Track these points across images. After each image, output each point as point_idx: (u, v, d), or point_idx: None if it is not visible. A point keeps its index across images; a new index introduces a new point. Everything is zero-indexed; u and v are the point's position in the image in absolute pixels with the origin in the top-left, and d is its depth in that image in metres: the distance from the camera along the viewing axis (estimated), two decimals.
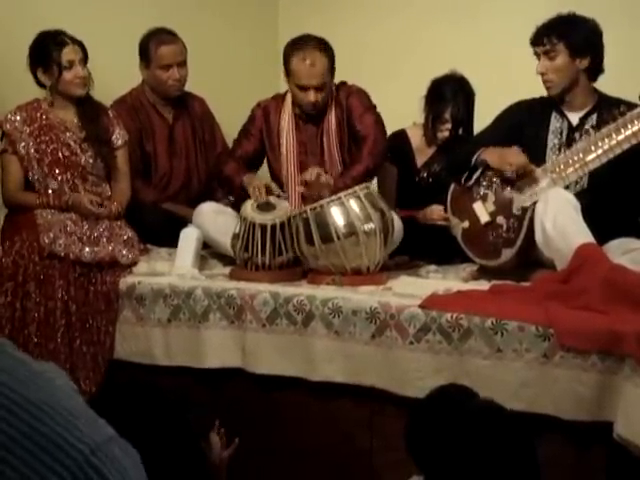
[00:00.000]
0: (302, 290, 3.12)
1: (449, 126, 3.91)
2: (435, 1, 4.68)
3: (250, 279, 3.25)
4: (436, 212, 3.73)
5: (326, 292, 3.07)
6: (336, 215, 3.17)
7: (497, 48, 4.35)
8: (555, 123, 3.36)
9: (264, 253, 3.26)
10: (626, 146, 3.09)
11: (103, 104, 3.71)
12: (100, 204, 3.48)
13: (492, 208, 3.34)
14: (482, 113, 3.81)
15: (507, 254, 3.25)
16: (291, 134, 3.72)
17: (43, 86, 3.53)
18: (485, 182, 3.39)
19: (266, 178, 3.87)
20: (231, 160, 3.76)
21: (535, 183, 3.23)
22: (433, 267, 3.53)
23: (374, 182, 3.97)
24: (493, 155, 3.32)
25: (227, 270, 3.44)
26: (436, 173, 3.98)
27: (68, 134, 3.54)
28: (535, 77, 3.34)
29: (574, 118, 3.35)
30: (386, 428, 2.86)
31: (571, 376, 2.57)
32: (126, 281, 3.35)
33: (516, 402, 2.62)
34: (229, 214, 3.63)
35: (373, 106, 3.73)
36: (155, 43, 3.91)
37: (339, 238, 3.15)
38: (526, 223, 3.20)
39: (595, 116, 3.31)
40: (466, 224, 3.41)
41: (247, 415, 3.08)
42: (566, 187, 3.19)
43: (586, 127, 3.30)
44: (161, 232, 3.70)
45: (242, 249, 3.30)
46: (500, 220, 3.31)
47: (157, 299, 3.26)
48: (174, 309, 3.23)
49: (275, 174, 3.81)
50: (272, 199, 3.43)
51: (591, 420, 2.56)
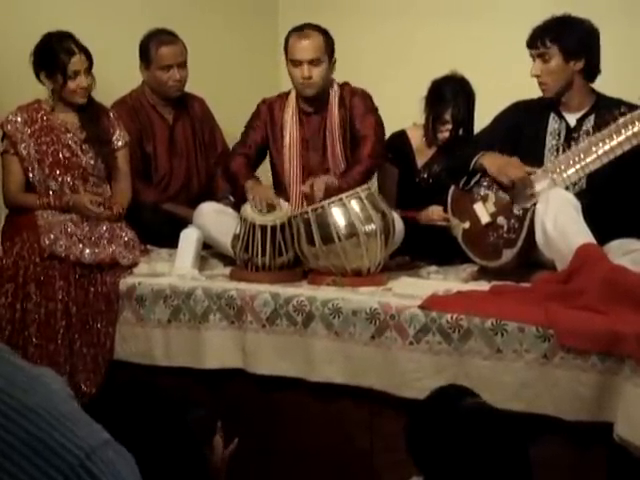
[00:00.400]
0: (302, 291, 3.12)
1: (449, 127, 3.91)
2: (435, 2, 4.67)
3: (250, 280, 3.25)
4: (436, 213, 3.74)
5: (326, 293, 3.07)
6: (337, 216, 3.17)
7: (497, 49, 4.35)
8: (553, 124, 3.36)
9: (264, 254, 3.26)
10: (627, 147, 3.09)
11: (104, 105, 3.71)
12: (102, 205, 3.48)
13: (493, 209, 3.34)
14: (482, 114, 3.81)
15: (508, 255, 3.25)
16: (294, 128, 3.74)
17: (44, 84, 3.53)
18: (486, 183, 3.39)
19: (268, 180, 3.88)
20: (238, 155, 3.76)
21: (535, 186, 3.23)
22: (433, 268, 3.53)
23: (374, 183, 3.97)
24: (492, 163, 3.31)
25: (227, 271, 3.44)
26: (436, 174, 3.97)
27: (69, 135, 3.54)
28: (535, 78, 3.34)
29: (571, 119, 3.34)
30: (386, 429, 2.86)
31: (571, 377, 2.57)
32: (126, 282, 3.35)
33: (516, 403, 2.62)
34: (230, 214, 3.62)
35: (375, 109, 3.76)
36: (155, 44, 3.91)
37: (340, 239, 3.15)
38: (527, 224, 3.19)
39: (593, 117, 3.30)
40: (467, 225, 3.41)
41: (247, 416, 3.08)
42: (566, 188, 3.19)
43: (584, 128, 3.30)
44: (161, 233, 3.69)
45: (242, 250, 3.30)
46: (501, 221, 3.30)
47: (157, 300, 3.26)
48: (174, 310, 3.22)
49: (277, 170, 3.82)
50: (273, 201, 3.43)
51: (591, 421, 2.56)
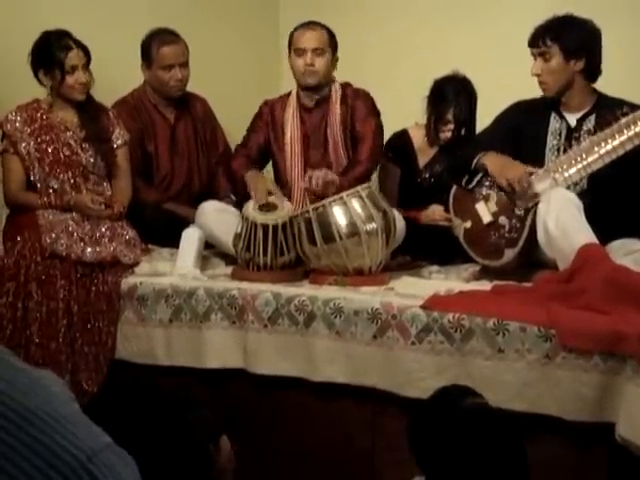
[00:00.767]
0: (304, 290, 3.12)
1: (451, 127, 3.91)
2: (437, 2, 4.67)
3: (252, 279, 3.25)
4: (438, 212, 3.73)
5: (328, 292, 3.07)
6: (338, 215, 3.17)
7: (499, 48, 4.34)
8: (554, 124, 3.36)
9: (266, 253, 3.26)
10: (629, 147, 3.08)
11: (103, 104, 3.70)
12: (105, 204, 3.48)
13: (494, 208, 3.34)
14: (484, 113, 3.80)
15: (509, 254, 3.24)
16: (295, 125, 3.77)
17: (43, 84, 3.53)
18: (487, 182, 3.39)
19: (270, 176, 3.88)
20: (239, 155, 3.84)
21: (535, 187, 3.22)
22: (435, 267, 3.53)
23: (375, 182, 3.97)
24: (494, 164, 3.30)
25: (229, 270, 3.44)
26: (438, 173, 3.97)
27: (68, 134, 3.54)
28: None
29: (572, 119, 3.34)
30: (388, 428, 2.86)
31: (573, 377, 2.56)
32: (128, 281, 3.34)
33: (518, 403, 2.62)
34: (231, 213, 3.63)
35: (377, 111, 3.78)
36: (157, 43, 3.90)
37: (341, 238, 3.15)
38: (528, 223, 3.19)
39: (594, 117, 3.30)
40: (468, 224, 3.41)
41: (248, 415, 3.08)
42: (567, 187, 3.18)
43: (585, 128, 3.30)
44: (163, 232, 3.69)
45: (244, 249, 3.30)
46: (502, 220, 3.30)
47: (159, 299, 3.25)
48: (176, 309, 3.22)
49: (279, 169, 3.85)
50: (274, 199, 3.43)
51: (593, 421, 2.56)
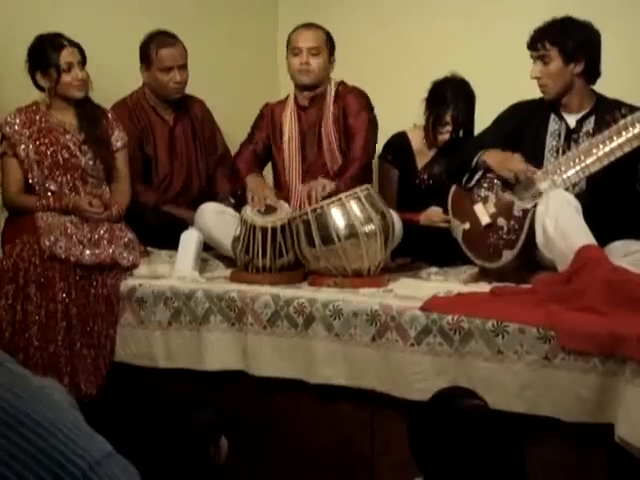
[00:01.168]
0: (303, 292, 3.12)
1: (450, 128, 3.91)
2: (436, 3, 4.67)
3: (251, 281, 3.25)
4: (436, 214, 3.74)
5: (327, 294, 3.07)
6: (337, 217, 3.17)
7: (498, 50, 4.34)
8: (553, 125, 3.36)
9: (265, 255, 3.26)
10: (627, 149, 3.08)
11: (102, 106, 3.71)
12: (104, 206, 3.48)
13: (493, 210, 3.34)
14: (483, 115, 3.80)
15: (508, 256, 3.25)
16: (292, 124, 3.83)
17: (42, 89, 3.53)
18: (486, 184, 3.39)
19: (269, 181, 3.89)
20: (245, 151, 3.93)
21: (536, 185, 3.23)
22: (434, 269, 3.53)
23: (374, 183, 3.97)
24: (495, 159, 3.32)
25: (228, 272, 3.44)
26: (437, 175, 3.98)
27: (67, 136, 3.54)
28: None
29: (571, 121, 3.35)
30: (387, 430, 2.86)
31: (572, 378, 2.56)
32: (127, 284, 3.35)
33: (517, 404, 2.62)
34: (230, 215, 3.63)
35: (370, 106, 3.80)
36: (156, 46, 3.90)
37: (340, 240, 3.15)
38: (527, 225, 3.19)
39: (593, 118, 3.31)
40: (467, 226, 3.41)
41: (248, 417, 3.08)
42: (566, 189, 3.19)
43: (584, 130, 3.30)
44: (162, 234, 3.69)
45: (243, 251, 3.30)
46: (501, 222, 3.31)
47: (158, 302, 3.26)
48: (175, 312, 3.22)
49: (277, 169, 3.91)
50: (272, 201, 3.44)
51: (592, 422, 2.55)
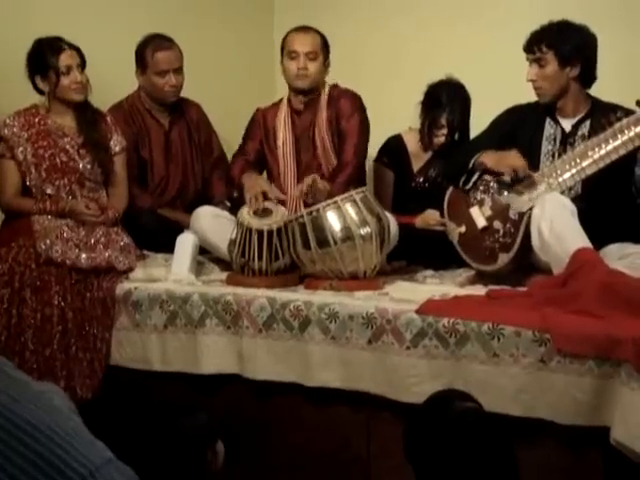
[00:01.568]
0: (299, 295, 3.12)
1: (445, 131, 3.91)
2: (432, 6, 4.68)
3: (247, 284, 3.25)
4: (432, 217, 3.74)
5: (323, 297, 3.07)
6: (332, 219, 3.17)
7: (493, 53, 4.35)
8: (549, 129, 3.37)
9: (261, 258, 3.26)
10: (622, 152, 3.09)
11: (101, 110, 3.71)
12: (100, 210, 3.48)
13: (489, 213, 3.35)
14: (479, 119, 3.81)
15: (504, 259, 3.25)
16: (287, 128, 3.82)
17: (42, 93, 3.53)
18: (482, 187, 3.39)
19: (265, 180, 3.89)
20: (238, 161, 3.92)
21: (532, 188, 3.24)
22: (430, 272, 3.53)
23: (369, 186, 3.97)
24: (492, 158, 3.33)
25: (224, 276, 3.44)
26: (432, 178, 3.98)
27: (66, 139, 3.53)
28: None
29: (567, 125, 3.35)
30: (383, 433, 2.86)
31: (568, 381, 2.56)
32: (122, 287, 3.34)
33: (513, 407, 2.62)
34: (226, 218, 3.63)
35: (363, 108, 3.81)
36: (151, 49, 3.91)
37: (335, 242, 3.15)
38: (523, 228, 3.20)
39: (588, 123, 3.31)
40: (463, 229, 3.41)
41: (243, 421, 3.07)
42: (561, 192, 3.19)
43: (579, 134, 3.31)
44: (157, 238, 3.69)
45: (239, 254, 3.30)
46: (497, 225, 3.31)
47: (153, 305, 3.25)
48: (170, 315, 3.22)
49: (272, 174, 3.89)
50: (269, 204, 3.44)
51: (588, 425, 2.55)
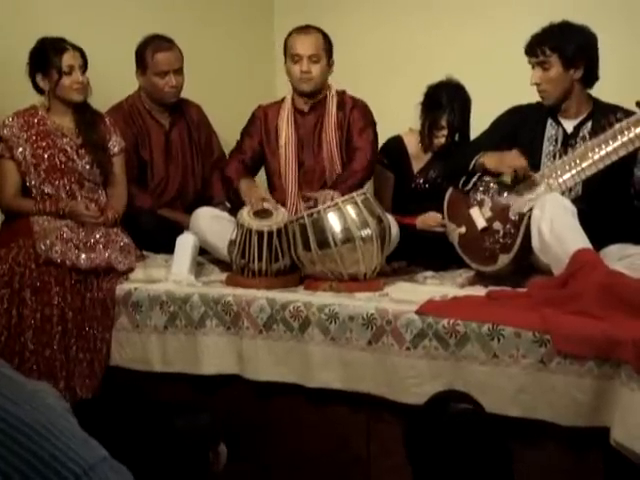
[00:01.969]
0: (299, 296, 3.12)
1: (445, 132, 3.91)
2: (432, 7, 4.68)
3: (247, 285, 3.25)
4: (433, 218, 3.73)
5: (323, 298, 3.07)
6: (333, 221, 3.17)
7: (493, 54, 4.35)
8: (550, 130, 3.37)
9: (261, 259, 3.26)
10: (622, 153, 3.09)
11: (100, 111, 3.71)
12: (100, 211, 3.48)
13: (489, 214, 3.35)
14: (479, 120, 3.81)
15: (504, 260, 3.25)
16: (290, 128, 3.78)
17: (41, 92, 3.53)
18: (482, 187, 3.39)
19: (263, 184, 3.88)
20: (234, 161, 3.84)
21: (532, 189, 3.24)
22: (430, 273, 3.53)
23: (370, 188, 3.97)
24: (492, 158, 3.33)
25: (223, 276, 3.44)
26: (432, 179, 3.98)
27: (65, 140, 3.53)
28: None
29: (569, 126, 3.35)
30: (383, 434, 2.86)
31: (568, 382, 2.56)
32: (122, 288, 3.34)
33: (513, 408, 2.62)
34: (226, 219, 3.63)
35: (374, 123, 3.81)
36: (151, 50, 3.91)
37: (336, 244, 3.15)
38: (523, 229, 3.20)
39: (590, 124, 3.31)
40: (463, 230, 3.41)
41: (244, 421, 3.07)
42: (562, 193, 3.19)
43: (581, 135, 3.30)
44: (157, 238, 3.69)
45: (239, 255, 3.30)
46: (497, 226, 3.31)
47: (153, 306, 3.25)
48: (170, 316, 3.22)
49: (272, 173, 3.85)
50: (269, 205, 3.44)
51: (588, 426, 2.56)
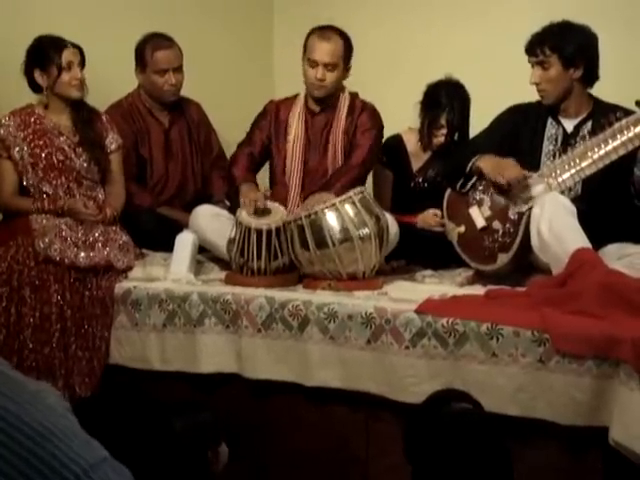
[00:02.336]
0: (298, 295, 3.12)
1: (444, 131, 3.91)
2: (432, 6, 4.68)
3: (246, 284, 3.25)
4: (432, 217, 3.74)
5: (322, 297, 3.07)
6: (331, 220, 3.16)
7: (492, 53, 4.35)
8: (550, 129, 3.36)
9: (260, 258, 3.26)
10: (622, 152, 3.09)
11: (96, 109, 3.70)
12: (98, 209, 3.48)
13: (488, 213, 3.35)
14: (478, 118, 3.80)
15: (503, 259, 3.25)
16: (300, 127, 3.77)
17: (38, 90, 3.52)
18: (481, 187, 3.39)
19: (265, 181, 3.88)
20: (242, 155, 3.81)
21: (531, 189, 3.23)
22: (429, 272, 3.53)
23: (369, 187, 3.97)
24: (488, 164, 3.32)
25: (223, 275, 3.44)
26: (432, 178, 3.98)
27: (62, 138, 3.53)
28: None
29: (569, 125, 3.35)
30: (382, 433, 2.86)
31: (567, 381, 2.57)
32: (121, 286, 3.34)
33: (511, 407, 2.62)
34: (225, 217, 3.63)
35: (381, 126, 3.79)
36: (151, 48, 3.91)
37: (334, 244, 3.14)
38: (522, 228, 3.20)
39: (590, 123, 3.31)
40: (462, 229, 3.41)
41: (242, 420, 3.07)
42: (561, 192, 3.19)
43: (581, 134, 3.30)
44: (156, 237, 3.68)
45: (238, 254, 3.30)
46: (496, 225, 3.31)
47: (152, 304, 3.25)
48: (169, 314, 3.22)
49: (276, 169, 3.83)
50: (268, 204, 3.43)
51: (587, 425, 2.56)
